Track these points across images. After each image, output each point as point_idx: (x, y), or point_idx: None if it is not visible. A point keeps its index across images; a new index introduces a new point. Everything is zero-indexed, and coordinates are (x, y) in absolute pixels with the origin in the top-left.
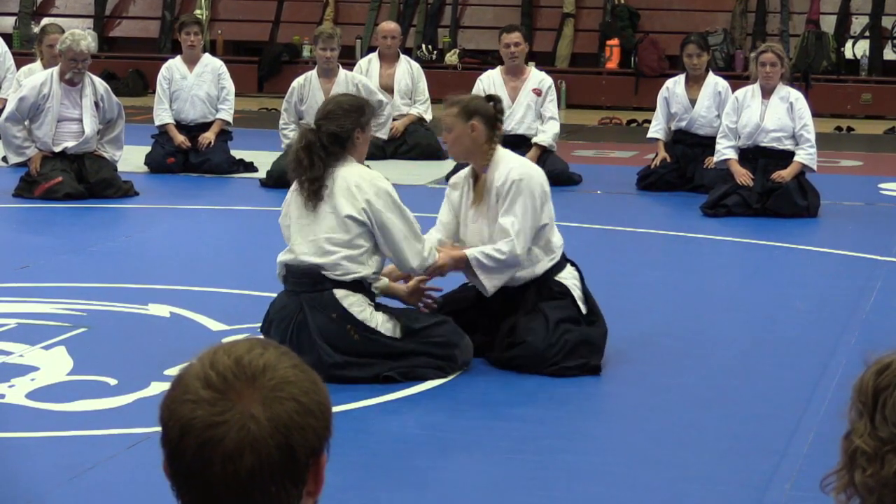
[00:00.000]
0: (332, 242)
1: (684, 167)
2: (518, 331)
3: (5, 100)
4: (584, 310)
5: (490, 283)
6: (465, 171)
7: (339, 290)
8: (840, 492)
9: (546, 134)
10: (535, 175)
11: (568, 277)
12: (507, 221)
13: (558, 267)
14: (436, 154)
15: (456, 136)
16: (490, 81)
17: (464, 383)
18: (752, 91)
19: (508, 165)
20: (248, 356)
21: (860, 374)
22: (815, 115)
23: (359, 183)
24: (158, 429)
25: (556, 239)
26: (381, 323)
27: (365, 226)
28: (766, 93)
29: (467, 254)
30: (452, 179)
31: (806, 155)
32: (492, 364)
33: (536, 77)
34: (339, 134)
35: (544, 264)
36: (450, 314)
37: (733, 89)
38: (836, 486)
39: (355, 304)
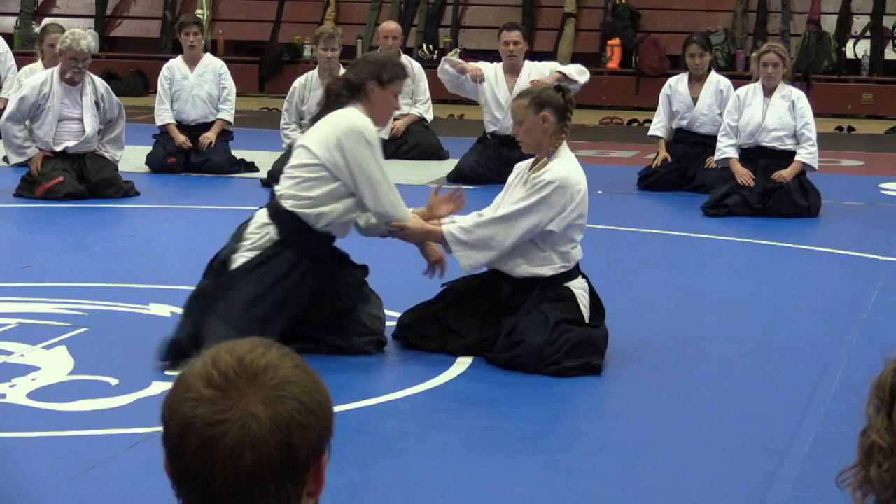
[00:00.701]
0: (294, 167)
1: (685, 167)
2: (517, 331)
3: (6, 100)
4: (586, 317)
5: (466, 260)
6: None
7: (265, 212)
8: (856, 488)
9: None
10: (571, 186)
11: (577, 287)
12: (507, 207)
13: (569, 276)
14: (436, 154)
15: (527, 128)
16: (493, 72)
17: (464, 383)
18: (753, 89)
19: (558, 165)
20: (251, 356)
21: (879, 372)
22: (816, 114)
23: (335, 127)
24: (159, 428)
25: (577, 252)
26: (247, 247)
27: (322, 166)
28: (768, 91)
29: (443, 229)
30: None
31: (807, 154)
32: (492, 364)
33: (530, 67)
34: (352, 81)
35: (554, 268)
36: (456, 300)
37: (734, 89)
38: (852, 483)
39: (257, 227)
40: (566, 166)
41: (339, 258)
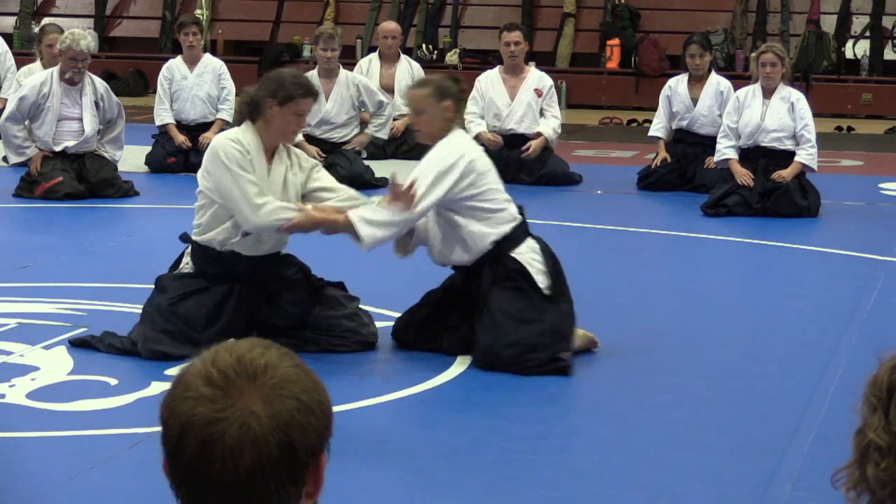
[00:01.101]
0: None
1: (685, 167)
2: (474, 333)
3: (6, 100)
4: (542, 285)
5: (370, 237)
6: None
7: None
8: (851, 488)
9: (547, 124)
10: (457, 149)
11: (525, 252)
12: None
13: (512, 241)
14: None
15: (430, 118)
16: (489, 82)
17: (464, 383)
18: (752, 91)
19: (444, 140)
20: (250, 355)
21: (874, 370)
22: (815, 115)
23: (209, 151)
24: (159, 428)
25: (505, 215)
26: (181, 267)
27: (203, 193)
28: (767, 93)
29: (350, 215)
30: None
31: (806, 155)
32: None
33: (536, 76)
34: (253, 98)
35: (491, 238)
36: (445, 301)
37: (734, 89)
38: (847, 483)
39: (187, 256)
40: (452, 139)
41: (281, 279)
